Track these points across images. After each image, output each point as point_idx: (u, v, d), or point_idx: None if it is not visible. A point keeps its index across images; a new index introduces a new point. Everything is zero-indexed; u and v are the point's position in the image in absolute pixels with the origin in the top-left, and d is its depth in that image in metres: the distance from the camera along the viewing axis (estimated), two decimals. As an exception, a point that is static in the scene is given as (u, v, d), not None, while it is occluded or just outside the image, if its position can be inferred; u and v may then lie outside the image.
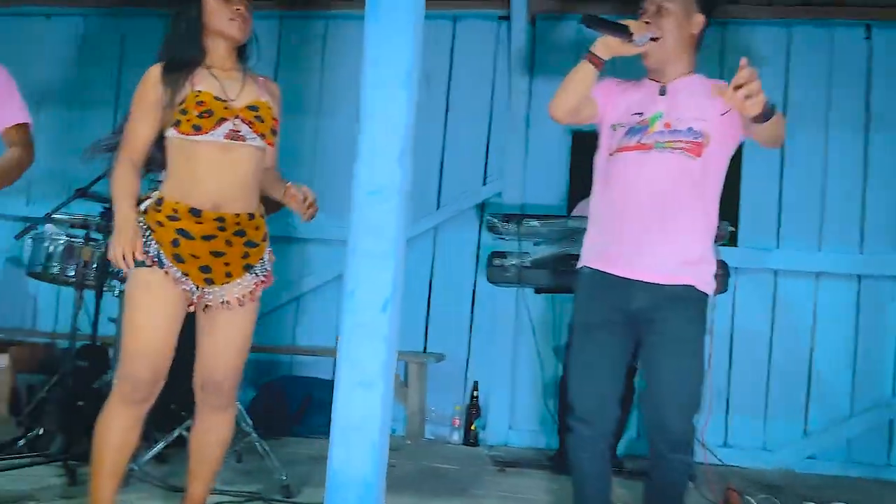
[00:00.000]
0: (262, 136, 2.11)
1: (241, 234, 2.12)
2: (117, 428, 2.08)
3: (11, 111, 2.62)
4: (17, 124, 2.61)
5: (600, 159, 2.21)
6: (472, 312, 4.83)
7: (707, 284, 2.09)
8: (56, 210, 3.33)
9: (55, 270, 3.57)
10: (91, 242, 3.47)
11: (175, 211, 2.07)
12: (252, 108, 2.11)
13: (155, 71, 2.11)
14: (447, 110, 4.95)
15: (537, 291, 4.08)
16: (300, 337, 4.93)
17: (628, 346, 2.14)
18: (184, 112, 2.05)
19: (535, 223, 3.54)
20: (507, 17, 4.82)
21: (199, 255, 2.07)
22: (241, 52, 2.23)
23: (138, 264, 2.04)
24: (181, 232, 2.06)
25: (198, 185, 2.07)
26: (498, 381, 4.63)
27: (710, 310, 2.14)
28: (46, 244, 3.52)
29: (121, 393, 2.08)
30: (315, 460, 3.80)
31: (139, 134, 2.11)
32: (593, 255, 2.17)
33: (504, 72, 4.83)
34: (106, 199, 3.58)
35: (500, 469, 3.87)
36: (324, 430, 4.57)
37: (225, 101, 2.08)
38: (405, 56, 1.52)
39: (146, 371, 2.05)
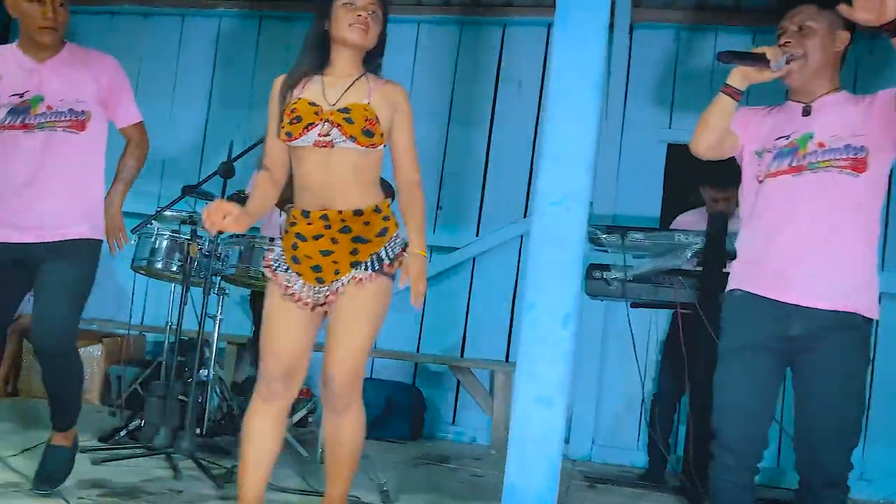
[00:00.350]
0: (353, 137, 2.09)
1: (346, 230, 2.13)
2: (257, 425, 2.15)
3: (129, 110, 2.75)
4: (136, 122, 2.76)
5: (747, 187, 2.16)
6: (557, 323, 4.75)
7: (872, 310, 1.99)
8: (167, 207, 3.37)
9: (159, 265, 3.62)
10: (197, 239, 3.50)
11: (294, 217, 2.17)
12: (344, 110, 2.11)
13: (276, 83, 2.21)
14: (538, 116, 4.90)
15: (633, 306, 3.99)
16: (380, 341, 4.92)
17: (780, 374, 2.05)
18: (282, 120, 2.14)
19: (640, 236, 3.45)
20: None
21: (311, 255, 2.13)
22: (374, 58, 2.25)
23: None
24: (298, 235, 2.14)
25: (305, 188, 2.15)
26: (582, 395, 4.54)
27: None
28: (152, 239, 3.57)
29: (258, 390, 2.17)
30: (403, 465, 3.78)
31: (269, 144, 2.23)
32: (746, 278, 2.09)
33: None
34: (211, 197, 3.63)
35: (591, 485, 3.79)
36: (404, 434, 4.58)
37: (318, 105, 2.12)
38: (595, 63, 1.48)
39: (276, 369, 2.14)
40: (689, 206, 4.24)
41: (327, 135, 2.09)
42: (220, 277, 3.66)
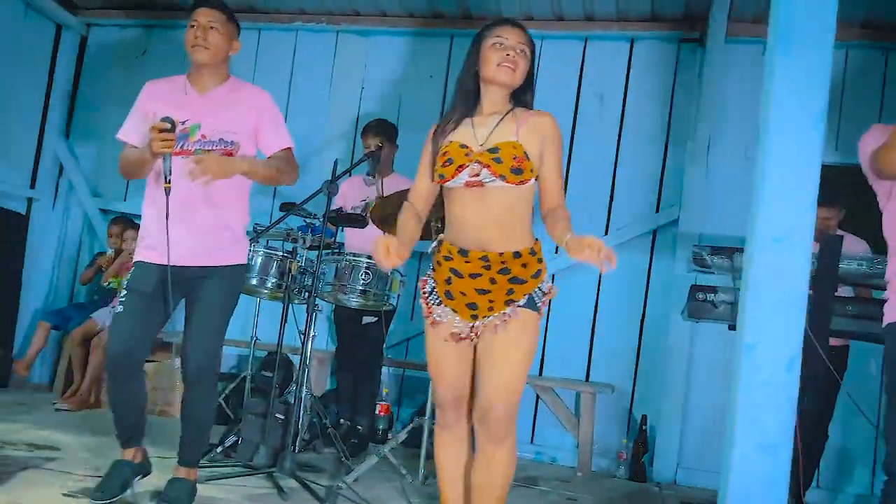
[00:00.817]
0: (503, 176, 2.12)
1: (505, 271, 2.16)
2: (442, 452, 2.32)
3: (278, 135, 2.83)
4: (285, 148, 2.83)
5: None
6: (639, 342, 4.67)
7: None
8: (271, 227, 3.36)
9: (254, 282, 3.62)
10: (294, 257, 3.49)
11: (449, 252, 2.21)
12: (493, 150, 2.14)
13: (430, 132, 2.30)
14: (620, 132, 4.83)
15: (731, 328, 3.89)
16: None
17: None
18: (434, 164, 2.24)
19: (748, 258, 3.36)
20: (691, 40, 4.69)
21: (467, 292, 2.19)
22: (523, 93, 2.28)
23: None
24: (453, 271, 2.19)
25: (463, 228, 2.19)
26: (668, 417, 4.45)
27: None
28: (249, 255, 3.56)
29: (438, 422, 2.35)
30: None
31: (417, 185, 2.35)
32: None
33: (683, 94, 4.68)
34: (309, 214, 3.61)
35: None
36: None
37: (467, 147, 2.17)
38: (820, 92, 1.41)
39: (446, 394, 2.27)
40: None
41: (477, 175, 2.13)
42: (315, 294, 3.64)
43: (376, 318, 4.08)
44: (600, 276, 4.74)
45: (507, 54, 2.17)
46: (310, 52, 5.29)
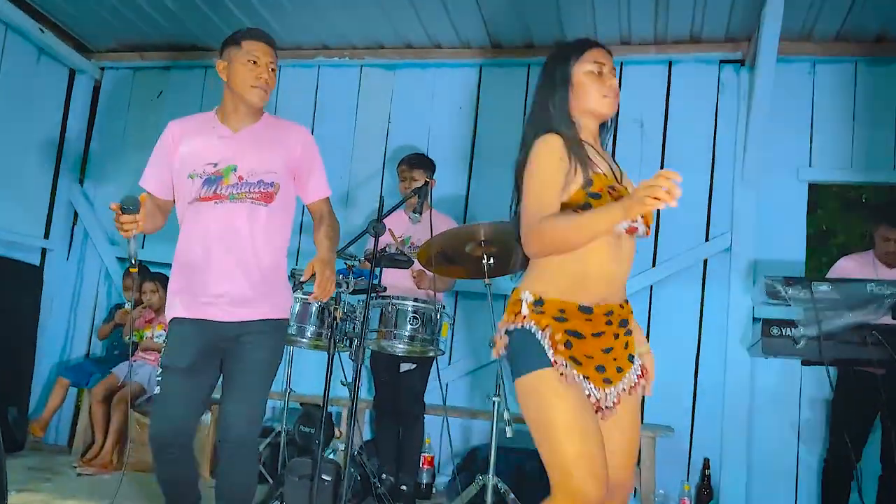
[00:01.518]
0: (647, 224, 1.92)
1: (624, 323, 1.96)
2: None
3: (320, 183, 2.67)
4: (326, 197, 2.68)
5: None
6: (695, 379, 4.39)
7: None
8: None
9: (292, 331, 3.37)
10: (337, 302, 3.24)
11: (562, 311, 1.86)
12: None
13: (555, 141, 1.89)
14: (662, 158, 4.61)
15: (805, 363, 3.64)
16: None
17: None
18: (597, 196, 1.85)
19: (826, 287, 3.12)
20: (732, 61, 4.50)
21: (592, 354, 1.87)
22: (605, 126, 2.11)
23: (531, 367, 1.82)
24: (572, 333, 1.86)
25: (588, 280, 1.88)
26: (731, 459, 4.15)
27: None
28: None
29: None
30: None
31: (555, 202, 1.84)
32: None
33: (730, 118, 4.47)
34: (350, 255, 3.38)
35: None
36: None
37: (615, 189, 1.91)
38: None
39: (595, 488, 1.74)
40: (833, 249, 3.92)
41: (635, 221, 1.85)
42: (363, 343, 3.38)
43: (415, 366, 3.83)
44: (650, 310, 4.48)
45: (609, 83, 1.98)
46: (333, 87, 5.11)
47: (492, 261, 3.22)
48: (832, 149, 4.35)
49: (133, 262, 2.31)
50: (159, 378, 2.42)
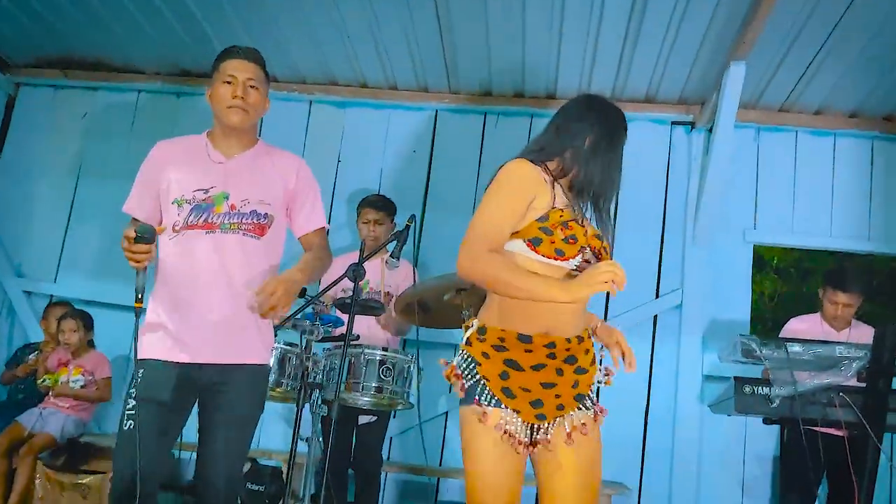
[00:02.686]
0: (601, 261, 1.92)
1: (571, 360, 1.91)
2: None
3: (314, 214, 2.50)
4: (321, 228, 2.52)
5: None
6: (644, 435, 4.37)
7: None
8: (293, 316, 2.87)
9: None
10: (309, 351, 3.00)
11: (501, 340, 1.89)
12: (598, 236, 1.98)
13: (531, 170, 1.93)
14: (616, 214, 4.62)
15: (767, 422, 3.68)
16: (448, 458, 4.41)
17: None
18: (548, 232, 1.86)
19: (799, 348, 3.18)
20: (684, 123, 4.63)
21: (530, 388, 1.87)
22: None
23: (464, 401, 1.89)
24: (509, 363, 1.87)
25: (531, 308, 1.86)
26: (680, 515, 4.15)
27: None
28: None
29: None
30: None
31: (505, 229, 1.88)
32: None
33: (680, 178, 4.58)
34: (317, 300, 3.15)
35: None
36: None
37: (583, 227, 1.94)
38: None
39: None
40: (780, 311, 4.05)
41: (588, 262, 1.89)
42: (319, 393, 3.14)
43: (375, 418, 3.61)
44: (601, 364, 4.44)
45: None
46: (279, 120, 4.88)
47: (471, 310, 3.08)
48: (775, 213, 4.54)
49: (140, 296, 2.05)
50: (131, 412, 2.14)
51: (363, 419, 3.61)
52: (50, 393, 4.11)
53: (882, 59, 3.96)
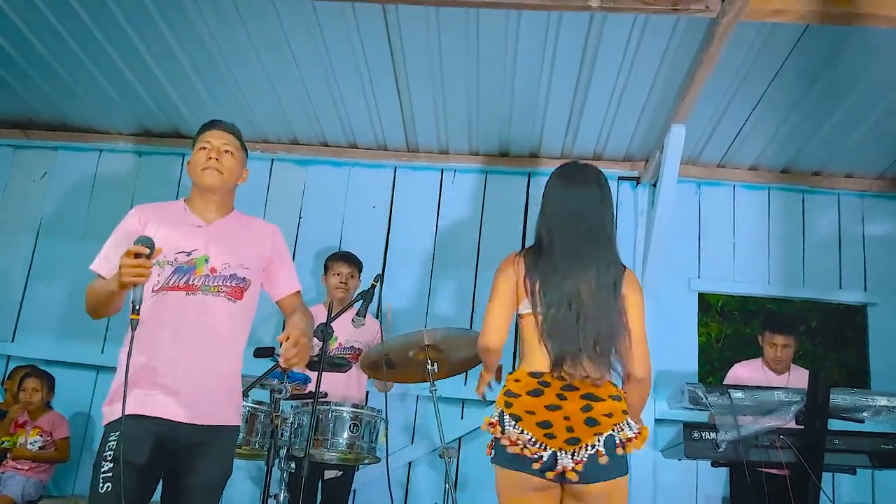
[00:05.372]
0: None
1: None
2: None
3: (290, 278, 2.61)
4: (297, 291, 2.61)
5: None
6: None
7: None
8: (262, 378, 2.96)
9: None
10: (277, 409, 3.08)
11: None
12: None
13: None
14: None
15: (715, 465, 3.87)
16: (411, 507, 4.48)
17: None
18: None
19: (741, 395, 3.38)
20: (629, 178, 4.88)
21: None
22: None
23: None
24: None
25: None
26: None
27: None
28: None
29: None
30: None
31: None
32: None
33: (626, 231, 4.79)
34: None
35: None
36: None
37: None
38: None
39: None
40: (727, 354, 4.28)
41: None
42: (286, 450, 3.22)
43: (341, 473, 3.68)
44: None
45: None
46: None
47: (435, 366, 3.22)
48: (717, 262, 4.80)
49: (136, 307, 2.07)
50: (107, 473, 2.13)
51: (329, 474, 3.67)
52: (8, 455, 4.06)
53: (806, 123, 4.30)
